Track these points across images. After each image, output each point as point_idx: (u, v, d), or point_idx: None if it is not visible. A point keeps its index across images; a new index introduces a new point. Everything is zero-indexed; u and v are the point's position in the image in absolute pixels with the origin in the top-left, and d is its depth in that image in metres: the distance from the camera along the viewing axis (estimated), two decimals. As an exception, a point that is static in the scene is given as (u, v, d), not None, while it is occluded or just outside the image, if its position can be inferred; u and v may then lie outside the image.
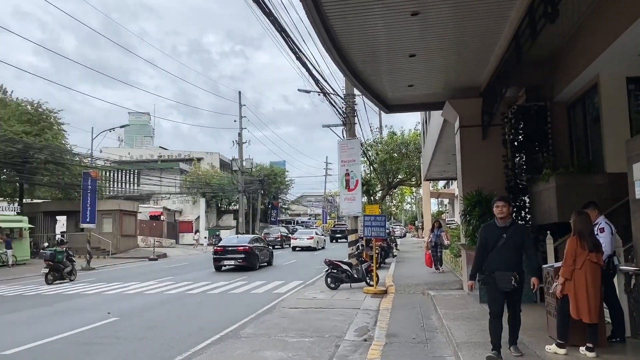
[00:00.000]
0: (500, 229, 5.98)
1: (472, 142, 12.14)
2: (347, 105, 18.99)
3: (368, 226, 13.70)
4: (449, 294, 11.89)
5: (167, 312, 11.30)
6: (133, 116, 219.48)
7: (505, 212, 5.96)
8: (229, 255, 21.85)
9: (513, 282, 5.76)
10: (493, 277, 5.87)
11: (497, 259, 5.88)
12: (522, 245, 5.92)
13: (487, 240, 6.00)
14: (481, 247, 6.07)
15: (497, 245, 5.89)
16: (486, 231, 6.12)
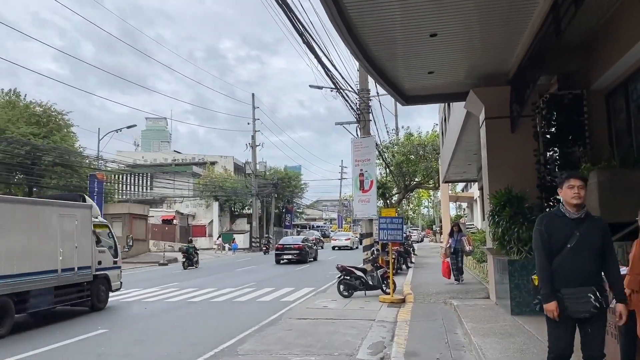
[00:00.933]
0: (572, 222, 4.01)
1: (499, 135, 10.95)
2: (361, 101, 17.88)
3: (384, 229, 12.55)
4: (475, 303, 10.70)
5: (162, 323, 10.28)
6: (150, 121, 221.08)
7: (583, 197, 4.00)
8: (286, 251, 28.02)
9: (593, 301, 3.88)
10: (559, 296, 3.98)
11: (566, 268, 3.96)
12: (602, 248, 4.02)
13: (551, 239, 4.05)
14: (545, 249, 4.08)
15: (567, 246, 3.96)
16: (550, 224, 4.11)
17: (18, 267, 9.55)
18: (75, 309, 11.77)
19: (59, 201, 11.73)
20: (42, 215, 10.58)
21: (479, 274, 15.20)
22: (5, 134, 27.78)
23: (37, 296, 10.13)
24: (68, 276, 11.00)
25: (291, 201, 60.51)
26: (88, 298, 11.80)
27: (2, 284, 9.11)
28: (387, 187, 38.53)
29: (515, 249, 9.25)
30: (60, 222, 10.95)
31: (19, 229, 9.82)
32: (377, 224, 13.11)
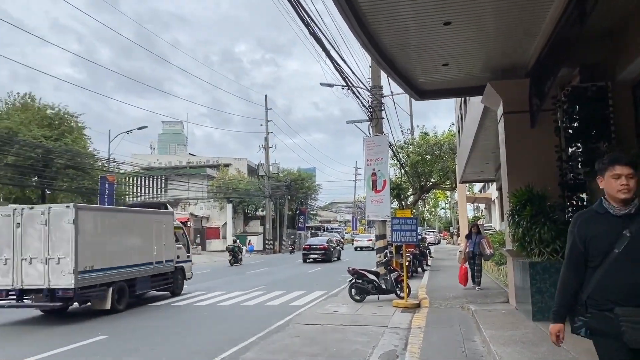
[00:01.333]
0: (618, 220, 3.02)
1: (518, 131, 10.36)
2: (373, 98, 17.34)
3: (397, 230, 12.00)
4: (494, 309, 10.11)
5: (164, 328, 9.85)
6: (167, 125, 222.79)
7: (633, 188, 3.02)
8: (313, 251, 30.92)
9: None
10: (612, 317, 2.91)
11: (617, 280, 2.94)
12: None
13: (589, 243, 3.07)
14: (573, 257, 3.17)
15: (614, 251, 2.96)
16: (587, 225, 3.13)
17: (129, 260, 12.83)
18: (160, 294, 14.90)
19: (153, 209, 15.38)
20: (143, 221, 13.95)
21: (497, 277, 14.55)
22: (18, 136, 27.72)
23: (140, 282, 13.33)
24: (159, 267, 14.24)
25: (304, 203, 60.00)
26: (171, 285, 15.00)
27: (120, 272, 12.35)
28: (402, 188, 37.82)
29: (537, 250, 8.67)
30: (154, 226, 14.23)
31: (129, 231, 13.15)
32: (390, 225, 12.54)
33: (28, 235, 11.24)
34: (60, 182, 30.08)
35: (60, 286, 10.87)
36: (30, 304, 11.38)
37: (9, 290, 11.32)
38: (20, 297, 11.30)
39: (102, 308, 11.78)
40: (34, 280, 11.05)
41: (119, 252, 12.46)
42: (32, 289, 11.09)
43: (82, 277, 11.05)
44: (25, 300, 11.30)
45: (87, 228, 11.49)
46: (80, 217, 11.20)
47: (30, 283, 11.07)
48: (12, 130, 28.46)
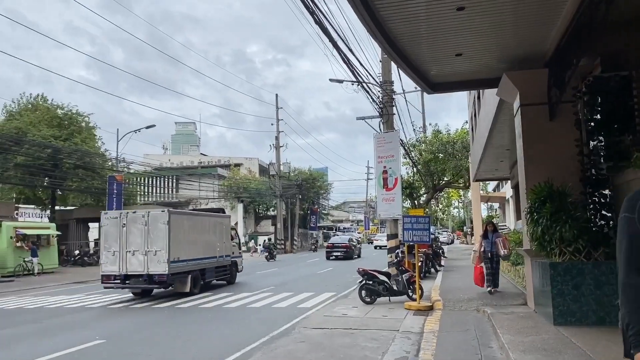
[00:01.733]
0: None
1: (536, 124, 9.83)
2: (384, 93, 16.86)
3: (408, 229, 11.49)
4: (511, 311, 9.58)
5: (166, 332, 9.45)
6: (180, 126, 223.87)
7: None
8: (335, 249, 33.08)
9: None
10: None
11: None
12: None
13: None
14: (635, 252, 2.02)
15: None
16: None
17: (201, 254, 16.04)
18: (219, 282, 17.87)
19: (217, 213, 19.13)
20: (209, 223, 17.26)
21: (514, 277, 13.99)
22: (27, 136, 27.61)
23: (208, 272, 16.49)
24: (220, 260, 17.45)
25: (316, 202, 59.57)
26: (228, 275, 18.14)
27: (196, 263, 15.52)
28: (415, 187, 37.27)
29: (557, 250, 8.15)
30: (217, 227, 17.56)
31: (200, 231, 16.39)
32: (402, 224, 12.05)
33: (131, 233, 14.40)
34: (69, 182, 29.92)
35: (157, 272, 13.98)
36: (131, 286, 14.53)
37: (116, 276, 14.32)
38: (124, 281, 14.28)
39: (183, 291, 14.88)
40: (135, 267, 14.19)
41: (194, 247, 15.69)
42: (133, 274, 14.19)
43: (172, 265, 14.16)
44: (127, 283, 14.31)
45: (175, 228, 14.54)
46: (171, 219, 14.31)
47: (133, 270, 14.19)
48: (22, 130, 28.38)
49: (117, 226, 14.55)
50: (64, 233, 33.57)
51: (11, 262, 24.27)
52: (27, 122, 29.22)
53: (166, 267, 13.92)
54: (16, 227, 25.23)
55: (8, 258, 24.26)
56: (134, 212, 14.93)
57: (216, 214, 18.74)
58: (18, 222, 27.85)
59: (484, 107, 17.42)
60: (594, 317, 7.62)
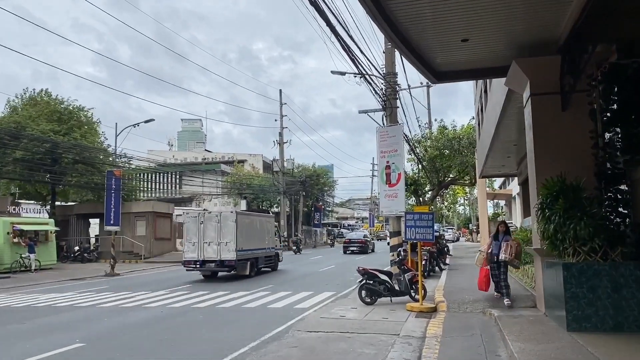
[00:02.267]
0: None
1: (548, 115, 9.20)
2: (387, 86, 16.23)
3: (411, 227, 10.89)
4: (519, 314, 8.98)
5: (151, 335, 8.89)
6: (186, 122, 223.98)
7: None
8: (352, 244, 36.37)
9: None
10: None
11: None
12: None
13: None
14: None
15: None
16: None
17: (256, 245, 20.14)
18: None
19: (265, 213, 24.36)
20: (260, 220, 21.60)
21: (522, 278, 13.36)
22: (26, 131, 27.16)
23: (260, 260, 20.55)
24: (267, 251, 21.63)
25: (320, 199, 58.96)
26: (272, 264, 22.25)
27: (253, 252, 19.54)
28: (420, 183, 36.65)
29: (571, 249, 7.54)
30: (265, 224, 22.00)
31: (255, 227, 20.57)
32: (404, 221, 11.45)
33: (207, 228, 18.58)
34: (69, 177, 29.47)
35: (227, 259, 18.26)
36: (206, 269, 18.72)
37: (195, 261, 18.52)
38: (202, 265, 18.54)
39: (243, 273, 19.01)
40: (210, 255, 18.40)
41: (251, 240, 19.77)
42: (209, 260, 18.39)
43: (238, 253, 18.33)
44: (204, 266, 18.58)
45: (240, 225, 18.67)
46: (237, 218, 18.65)
47: (208, 257, 18.41)
48: (20, 124, 27.93)
49: (196, 223, 18.76)
50: (64, 229, 33.18)
51: (8, 258, 23.83)
52: (26, 116, 28.77)
53: (234, 254, 18.25)
54: (13, 223, 24.78)
55: (4, 254, 23.83)
56: (209, 212, 19.38)
57: (264, 214, 23.54)
58: (15, 218, 27.41)
59: (492, 99, 16.79)
60: (611, 323, 7.01)
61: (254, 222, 20.73)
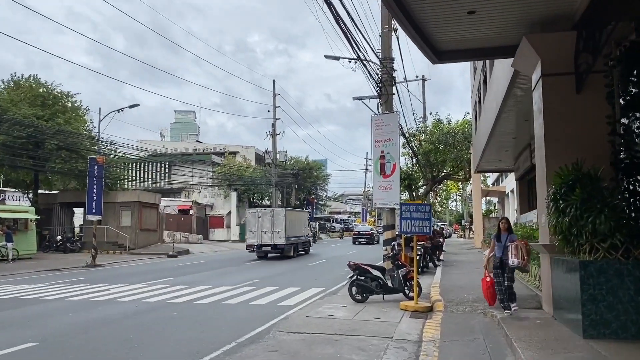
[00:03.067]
0: None
1: (560, 98, 8.36)
2: (383, 71, 15.34)
3: (406, 219, 10.02)
4: (525, 316, 8.16)
5: (114, 333, 7.94)
6: (179, 114, 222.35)
7: None
8: (361, 236, 41.62)
9: None
10: None
11: None
12: None
13: None
14: None
15: None
16: None
17: (297, 233, 26.30)
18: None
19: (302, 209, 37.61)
20: (299, 214, 28.73)
21: (523, 276, 12.54)
22: (7, 114, 26.00)
23: (298, 245, 26.58)
24: (304, 238, 28.04)
25: (312, 193, 58.04)
26: (307, 248, 28.65)
27: (295, 239, 25.87)
28: (413, 178, 35.91)
29: (587, 246, 6.70)
30: (302, 217, 28.60)
31: (296, 220, 26.46)
32: (399, 212, 10.57)
33: (263, 221, 24.49)
34: (52, 164, 28.37)
35: (279, 243, 24.27)
36: (262, 251, 24.59)
37: (255, 245, 24.57)
38: (259, 248, 24.51)
39: (289, 254, 25.03)
40: (265, 240, 24.34)
41: (294, 229, 26.03)
42: (264, 244, 24.37)
43: (287, 240, 24.43)
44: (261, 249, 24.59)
45: (287, 218, 24.63)
46: (286, 213, 24.81)
47: (264, 242, 24.37)
48: (1, 107, 26.77)
49: (255, 217, 25.07)
50: (47, 218, 32.11)
51: (-17, 247, 22.81)
52: (8, 100, 27.60)
53: (284, 240, 24.44)
54: (-11, 210, 23.76)
55: (-20, 243, 22.80)
56: (264, 209, 26.84)
57: (301, 210, 34.21)
58: (-8, 205, 26.33)
59: (492, 89, 15.94)
60: (634, 329, 6.18)
61: (295, 216, 27.47)
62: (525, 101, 13.14)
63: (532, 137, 18.72)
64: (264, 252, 24.63)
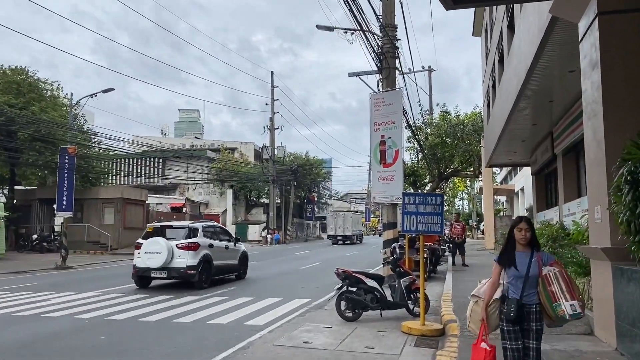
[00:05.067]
0: None
1: (625, 43, 6.00)
2: (384, 40, 13.00)
3: (410, 213, 7.63)
4: (576, 348, 5.83)
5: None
6: (183, 113, 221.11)
7: None
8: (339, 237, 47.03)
9: None
10: None
11: None
12: None
13: None
14: None
15: None
16: None
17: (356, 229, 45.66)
18: None
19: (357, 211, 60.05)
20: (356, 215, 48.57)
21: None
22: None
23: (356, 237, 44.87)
24: (357, 232, 45.72)
25: (312, 190, 55.66)
26: (360, 240, 46.06)
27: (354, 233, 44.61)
28: (419, 174, 33.65)
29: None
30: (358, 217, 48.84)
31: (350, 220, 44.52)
32: (401, 206, 8.19)
33: (339, 219, 44.03)
34: (26, 156, 26.17)
35: (349, 234, 43.37)
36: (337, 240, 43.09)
37: (337, 236, 43.27)
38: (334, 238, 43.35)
39: (353, 242, 42.81)
40: (343, 232, 43.35)
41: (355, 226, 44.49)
42: (342, 235, 43.19)
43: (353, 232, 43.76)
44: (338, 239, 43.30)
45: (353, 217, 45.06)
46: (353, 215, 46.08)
47: (341, 233, 43.30)
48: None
49: (334, 217, 44.39)
50: (25, 215, 29.99)
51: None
52: (-23, 87, 25.47)
53: (352, 233, 42.68)
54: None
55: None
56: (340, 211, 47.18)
57: (357, 212, 52.04)
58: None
59: (512, 62, 13.54)
60: None
61: (354, 216, 44.96)
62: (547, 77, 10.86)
63: (554, 123, 16.47)
64: (339, 240, 42.66)
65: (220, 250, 13.74)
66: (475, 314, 4.40)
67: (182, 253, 12.42)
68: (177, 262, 12.32)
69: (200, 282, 12.49)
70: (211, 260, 13.05)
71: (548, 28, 8.35)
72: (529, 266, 4.14)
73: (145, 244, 12.60)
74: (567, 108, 13.89)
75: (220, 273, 13.75)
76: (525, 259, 4.17)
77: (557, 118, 15.30)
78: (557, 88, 12.27)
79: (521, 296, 4.10)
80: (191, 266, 12.30)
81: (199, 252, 12.66)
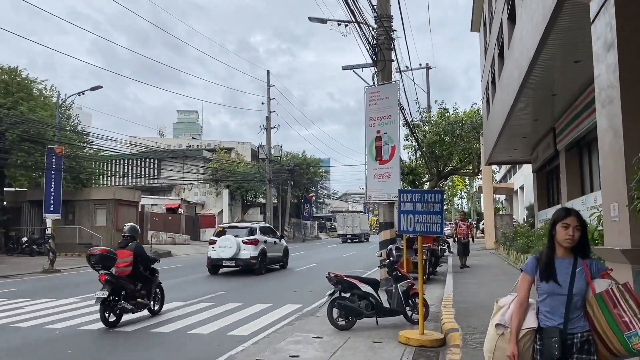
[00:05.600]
0: None
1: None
2: (379, 32, 12.38)
3: (407, 212, 7.00)
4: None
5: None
6: (182, 114, 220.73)
7: None
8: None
9: None
10: None
11: None
12: None
13: None
14: None
15: None
16: None
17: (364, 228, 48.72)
18: None
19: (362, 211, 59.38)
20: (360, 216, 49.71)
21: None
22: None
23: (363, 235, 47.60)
24: (364, 231, 48.34)
25: (310, 190, 55.03)
26: (366, 239, 47.72)
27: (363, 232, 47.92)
28: (417, 172, 33.11)
29: None
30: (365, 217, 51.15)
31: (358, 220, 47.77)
32: (398, 204, 7.55)
33: (348, 219, 47.11)
34: (14, 157, 25.49)
35: (356, 233, 46.04)
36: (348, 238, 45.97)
37: (346, 235, 45.97)
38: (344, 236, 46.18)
39: (361, 241, 45.87)
40: (352, 231, 46.21)
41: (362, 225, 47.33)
42: (351, 233, 45.97)
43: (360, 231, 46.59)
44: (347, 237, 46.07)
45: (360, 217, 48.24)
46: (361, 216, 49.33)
47: (350, 232, 46.15)
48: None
49: (343, 217, 47.83)
50: (16, 217, 29.30)
51: None
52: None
53: (360, 231, 45.76)
54: None
55: None
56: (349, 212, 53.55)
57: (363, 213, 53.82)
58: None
59: (513, 54, 12.94)
60: None
61: (362, 216, 48.24)
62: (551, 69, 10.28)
63: (557, 118, 15.87)
64: (348, 239, 45.20)
65: (271, 244, 17.64)
66: (500, 351, 3.13)
67: (246, 247, 16.25)
68: (243, 254, 16.11)
69: (259, 269, 16.31)
70: (266, 253, 16.93)
71: (553, 13, 7.75)
72: (571, 279, 2.96)
73: (219, 240, 16.40)
74: (571, 101, 13.30)
75: (271, 263, 17.62)
76: (567, 268, 3.00)
77: (560, 112, 14.73)
78: (561, 80, 11.68)
79: (565, 323, 2.95)
80: (253, 257, 16.23)
81: (258, 246, 16.53)
